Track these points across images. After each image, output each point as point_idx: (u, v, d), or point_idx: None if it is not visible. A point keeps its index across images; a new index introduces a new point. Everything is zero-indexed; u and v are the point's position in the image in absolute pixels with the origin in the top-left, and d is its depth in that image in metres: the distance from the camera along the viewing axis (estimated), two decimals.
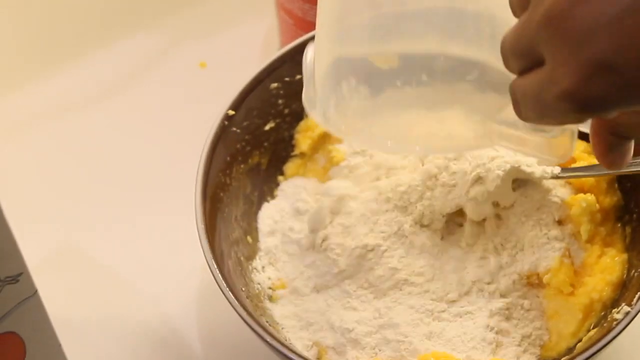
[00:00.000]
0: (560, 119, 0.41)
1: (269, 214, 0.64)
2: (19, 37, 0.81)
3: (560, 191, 0.60)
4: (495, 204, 0.60)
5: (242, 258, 0.61)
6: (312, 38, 0.66)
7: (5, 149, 0.74)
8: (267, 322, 0.58)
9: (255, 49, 0.78)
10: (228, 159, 0.63)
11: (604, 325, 0.55)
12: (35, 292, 0.48)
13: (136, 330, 0.64)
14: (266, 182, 0.65)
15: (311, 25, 0.56)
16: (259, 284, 0.62)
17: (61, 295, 0.64)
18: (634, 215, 0.60)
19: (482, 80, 0.46)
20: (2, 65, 0.80)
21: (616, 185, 0.61)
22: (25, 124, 0.76)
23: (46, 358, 0.50)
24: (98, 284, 0.67)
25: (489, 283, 0.59)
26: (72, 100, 0.77)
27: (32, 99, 0.77)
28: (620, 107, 0.39)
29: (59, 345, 0.51)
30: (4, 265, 0.45)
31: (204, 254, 0.57)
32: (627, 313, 0.54)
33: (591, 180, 0.60)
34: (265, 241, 0.63)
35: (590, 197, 0.59)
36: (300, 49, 0.66)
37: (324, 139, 0.66)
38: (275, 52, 0.66)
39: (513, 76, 0.43)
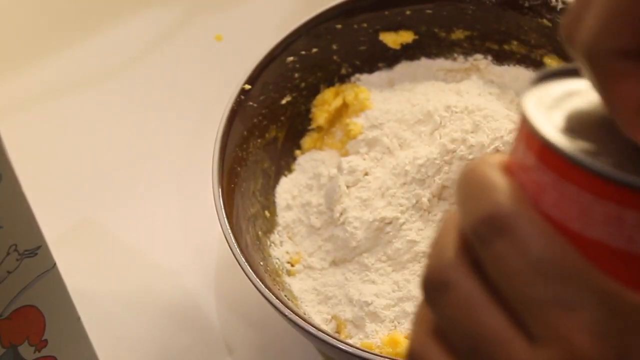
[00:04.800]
0: None
1: (287, 189, 0.64)
2: (34, 11, 0.81)
3: None
4: None
5: (260, 233, 0.61)
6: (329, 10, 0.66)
7: (24, 123, 0.74)
8: (285, 296, 0.57)
9: (271, 22, 0.78)
10: (245, 133, 0.63)
11: None
12: (54, 266, 0.48)
13: (154, 304, 0.64)
14: (283, 157, 0.65)
15: None
16: (277, 258, 0.61)
17: (80, 268, 0.64)
18: None
19: None
20: (20, 39, 0.80)
21: None
22: (42, 98, 0.76)
23: (65, 331, 0.50)
24: (116, 258, 0.67)
25: None
26: (88, 75, 0.77)
27: (48, 74, 0.77)
28: None
29: (78, 318, 0.51)
30: (23, 239, 0.45)
31: (222, 229, 0.57)
32: None
33: None
34: (284, 216, 0.63)
35: None
36: (315, 22, 0.66)
37: (341, 112, 0.66)
38: (291, 25, 0.66)
39: None
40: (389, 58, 0.68)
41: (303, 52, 0.65)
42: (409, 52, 0.68)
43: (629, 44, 0.31)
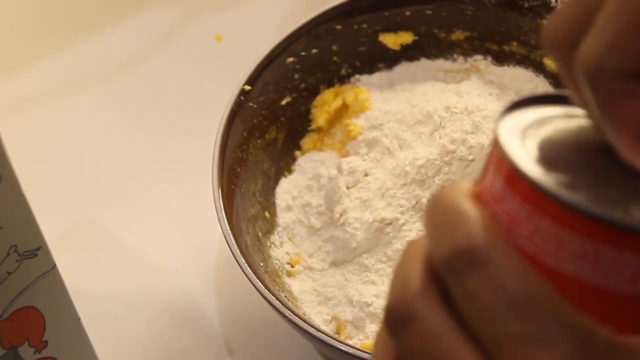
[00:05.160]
0: None
1: (287, 189, 0.64)
2: (35, 11, 0.81)
3: None
4: None
5: (260, 233, 0.61)
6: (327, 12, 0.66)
7: (24, 124, 0.74)
8: (285, 297, 0.57)
9: (271, 22, 0.78)
10: (245, 134, 0.63)
11: None
12: (54, 267, 0.48)
13: (154, 304, 0.64)
14: (283, 157, 0.65)
15: None
16: (277, 259, 0.61)
17: (80, 269, 0.64)
18: None
19: None
20: (21, 39, 0.80)
21: None
22: (42, 98, 0.76)
23: (65, 332, 0.50)
24: (116, 259, 0.67)
25: None
26: (87, 75, 0.77)
27: (48, 73, 0.77)
28: None
29: (78, 319, 0.51)
30: (23, 240, 0.45)
31: (222, 229, 0.57)
32: None
33: None
34: (284, 216, 0.63)
35: None
36: (315, 23, 0.66)
37: (341, 113, 0.66)
38: (291, 26, 0.66)
39: None
40: (389, 59, 0.68)
41: (303, 53, 0.65)
42: (408, 53, 0.68)
43: (634, 65, 0.30)
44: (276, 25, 0.78)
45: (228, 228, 0.57)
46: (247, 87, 0.63)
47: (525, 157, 0.30)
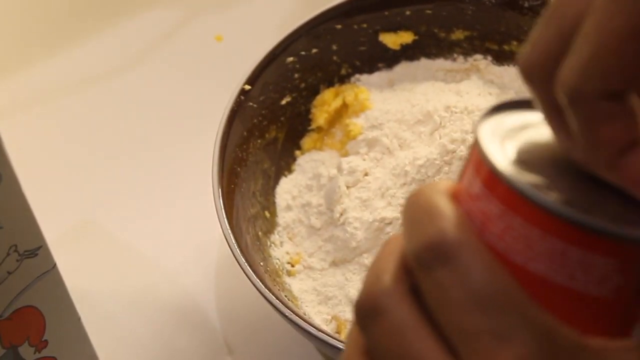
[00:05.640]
0: None
1: (287, 189, 0.64)
2: (35, 12, 0.81)
3: None
4: None
5: (260, 233, 0.61)
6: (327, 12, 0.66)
7: (24, 124, 0.74)
8: (285, 296, 0.57)
9: (271, 22, 0.78)
10: (245, 133, 0.63)
11: None
12: (54, 266, 0.48)
13: (155, 304, 0.64)
14: (283, 157, 0.65)
15: None
16: (277, 259, 0.61)
17: (80, 269, 0.64)
18: None
19: None
20: (22, 39, 0.80)
21: None
22: (42, 98, 0.76)
23: (66, 331, 0.50)
24: (116, 258, 0.67)
25: None
26: (88, 75, 0.77)
27: (49, 73, 0.77)
28: None
29: (79, 318, 0.51)
30: (23, 240, 0.45)
31: (222, 229, 0.57)
32: None
33: None
34: (284, 216, 0.63)
35: None
36: (315, 23, 0.66)
37: (341, 113, 0.66)
38: (291, 25, 0.66)
39: None
40: (389, 58, 0.68)
41: (303, 53, 0.65)
42: (408, 53, 0.68)
43: (615, 86, 0.30)
44: (276, 25, 0.78)
45: (228, 228, 0.57)
46: (247, 87, 0.63)
47: (502, 158, 0.31)
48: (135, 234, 0.68)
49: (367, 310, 0.32)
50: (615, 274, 0.30)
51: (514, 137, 0.32)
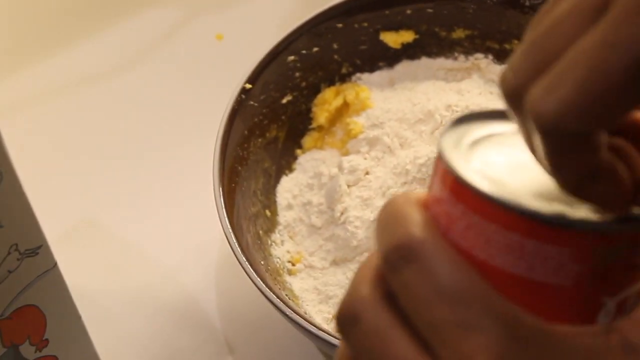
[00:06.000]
0: None
1: (288, 188, 0.64)
2: (35, 11, 0.81)
3: None
4: None
5: (261, 232, 0.61)
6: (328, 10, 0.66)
7: (24, 123, 0.74)
8: (286, 295, 0.57)
9: (272, 21, 0.78)
10: (245, 132, 0.63)
11: None
12: (54, 265, 0.48)
13: (155, 303, 0.64)
14: (284, 156, 0.65)
15: None
16: (278, 257, 0.61)
17: (81, 268, 0.64)
18: None
19: None
20: (22, 39, 0.80)
21: None
22: (43, 98, 0.76)
23: (66, 330, 0.50)
24: (117, 257, 0.67)
25: None
26: (88, 74, 0.77)
27: (49, 73, 0.77)
28: None
29: (79, 317, 0.51)
30: (23, 238, 0.45)
31: (223, 228, 0.57)
32: None
33: None
34: (284, 215, 0.63)
35: None
36: (316, 22, 0.66)
37: (342, 111, 0.66)
38: (292, 24, 0.66)
39: None
40: (390, 57, 0.68)
41: (304, 51, 0.65)
42: (409, 51, 0.68)
43: (590, 128, 0.30)
44: (277, 24, 0.78)
45: (229, 226, 0.57)
46: (248, 86, 0.63)
47: (461, 159, 0.33)
48: (136, 233, 0.68)
49: (345, 319, 0.33)
50: (571, 263, 0.31)
51: (476, 145, 0.34)
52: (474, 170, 0.33)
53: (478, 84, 0.66)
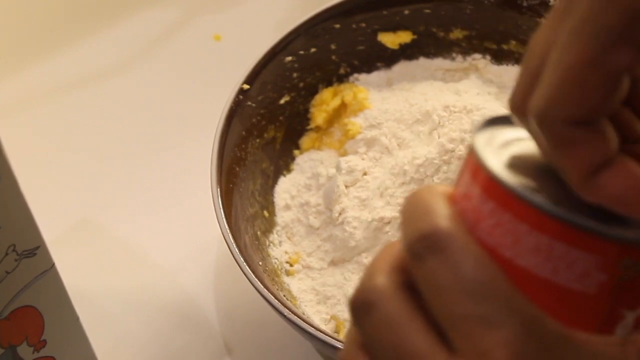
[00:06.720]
0: None
1: (286, 188, 0.64)
2: (34, 11, 0.81)
3: None
4: None
5: (258, 232, 0.61)
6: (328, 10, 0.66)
7: (23, 123, 0.74)
8: (284, 296, 0.57)
9: (269, 22, 0.78)
10: (243, 133, 0.63)
11: None
12: (52, 266, 0.48)
13: (153, 304, 0.64)
14: (282, 157, 0.65)
15: None
16: (276, 258, 0.61)
17: (78, 268, 0.64)
18: None
19: None
20: (21, 39, 0.80)
21: None
22: (41, 98, 0.76)
23: (64, 331, 0.50)
24: (115, 258, 0.67)
25: None
26: (86, 74, 0.77)
27: (46, 73, 0.77)
28: None
29: (77, 318, 0.51)
30: (21, 239, 0.45)
31: (221, 229, 0.57)
32: None
33: None
34: (282, 216, 0.63)
35: None
36: (314, 22, 0.66)
37: (339, 112, 0.66)
38: (289, 25, 0.66)
39: None
40: (388, 58, 0.68)
41: (301, 52, 0.65)
42: (407, 52, 0.68)
43: (576, 114, 0.32)
44: (275, 25, 0.78)
45: (227, 227, 0.57)
46: (246, 86, 0.63)
47: (494, 159, 0.33)
48: (134, 233, 0.68)
49: (359, 306, 0.33)
50: (596, 271, 0.32)
51: (508, 146, 0.35)
52: (506, 169, 0.33)
53: (476, 84, 0.66)
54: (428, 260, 0.32)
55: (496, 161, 0.33)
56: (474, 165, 0.33)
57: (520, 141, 0.35)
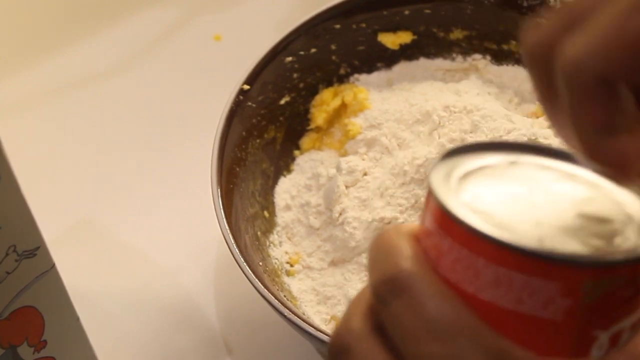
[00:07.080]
0: None
1: (286, 189, 0.64)
2: (34, 11, 0.81)
3: None
4: None
5: (259, 233, 0.61)
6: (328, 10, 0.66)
7: (23, 124, 0.74)
8: (284, 296, 0.57)
9: (270, 22, 0.78)
10: (243, 133, 0.63)
11: None
12: (52, 266, 0.48)
13: (154, 304, 0.64)
14: (282, 157, 0.65)
15: None
16: (276, 258, 0.61)
17: (79, 269, 0.64)
18: None
19: None
20: (20, 39, 0.80)
21: None
22: (41, 98, 0.76)
23: (65, 331, 0.50)
24: (115, 258, 0.67)
25: None
26: (86, 75, 0.77)
27: (47, 73, 0.77)
28: None
29: (77, 318, 0.51)
30: (21, 240, 0.45)
31: (221, 229, 0.57)
32: None
33: None
34: (282, 216, 0.63)
35: None
36: (314, 22, 0.66)
37: (340, 112, 0.66)
38: (289, 25, 0.66)
39: None
40: (388, 58, 0.68)
41: (302, 52, 0.65)
42: (407, 52, 0.68)
43: (614, 73, 0.31)
44: (275, 25, 0.78)
45: (227, 228, 0.57)
46: (246, 87, 0.63)
47: (449, 193, 0.33)
48: (134, 234, 0.68)
49: (336, 350, 0.34)
50: (560, 297, 0.31)
51: (467, 177, 0.34)
52: (463, 204, 0.32)
53: (476, 85, 0.66)
54: (392, 303, 0.32)
55: (452, 195, 0.33)
56: (432, 202, 0.33)
57: (481, 170, 0.35)
